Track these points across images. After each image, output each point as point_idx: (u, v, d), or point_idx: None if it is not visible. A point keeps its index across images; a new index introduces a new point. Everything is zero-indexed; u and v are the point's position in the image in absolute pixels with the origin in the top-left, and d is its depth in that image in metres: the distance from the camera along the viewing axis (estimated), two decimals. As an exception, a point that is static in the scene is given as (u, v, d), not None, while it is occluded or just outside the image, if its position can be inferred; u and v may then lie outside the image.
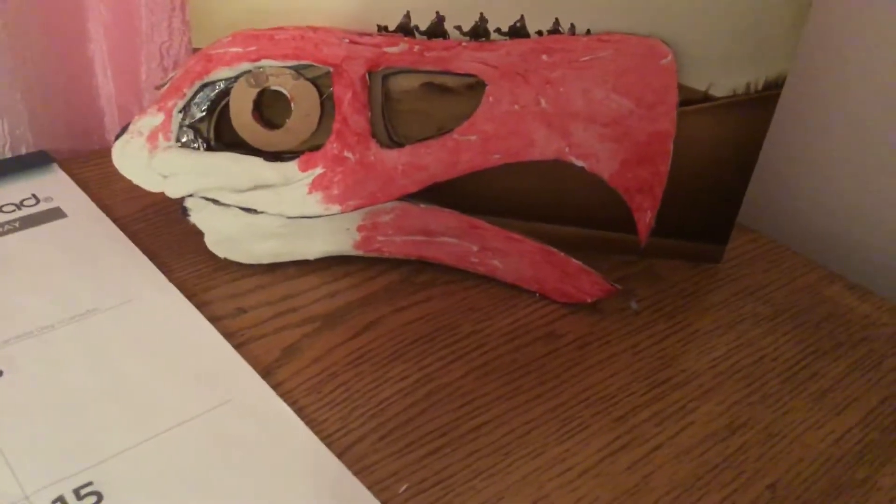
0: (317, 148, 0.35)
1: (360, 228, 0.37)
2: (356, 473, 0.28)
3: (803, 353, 0.36)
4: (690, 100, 0.36)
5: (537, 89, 0.34)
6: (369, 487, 0.28)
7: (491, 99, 0.34)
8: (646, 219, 0.35)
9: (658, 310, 0.38)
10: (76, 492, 0.26)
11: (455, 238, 0.38)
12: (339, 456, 0.29)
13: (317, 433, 0.29)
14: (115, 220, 0.39)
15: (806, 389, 0.34)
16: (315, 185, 0.35)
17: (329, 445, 0.29)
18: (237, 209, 0.35)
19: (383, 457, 0.29)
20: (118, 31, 0.43)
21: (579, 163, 0.35)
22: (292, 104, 0.35)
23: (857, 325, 0.38)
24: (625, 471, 0.30)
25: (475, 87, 0.35)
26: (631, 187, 0.35)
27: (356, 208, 0.36)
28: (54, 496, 0.26)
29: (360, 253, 0.38)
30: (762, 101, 0.36)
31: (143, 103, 0.45)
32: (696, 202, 0.39)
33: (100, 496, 0.26)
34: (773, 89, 0.36)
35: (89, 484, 0.27)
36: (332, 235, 0.37)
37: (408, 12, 0.34)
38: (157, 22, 0.42)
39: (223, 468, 0.27)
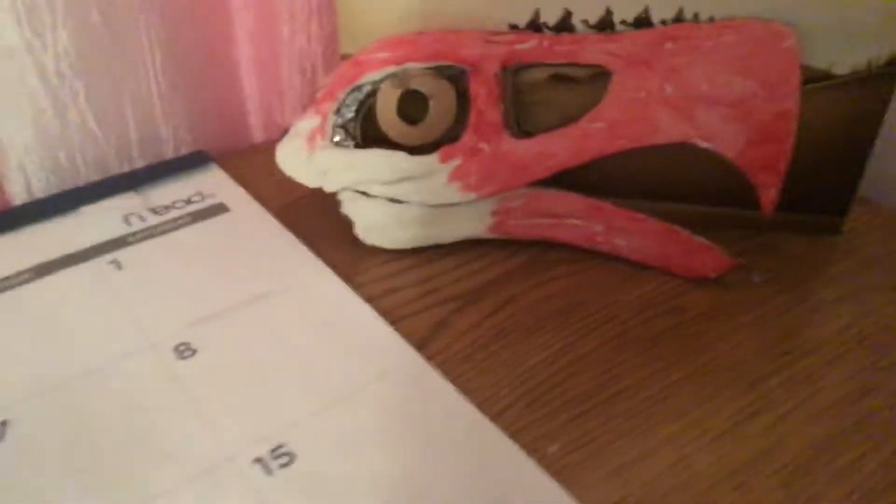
0: (454, 140, 0.38)
1: (493, 213, 0.40)
2: (509, 436, 0.31)
3: (929, 321, 0.37)
4: (812, 78, 0.37)
5: (662, 76, 0.36)
6: (522, 448, 0.31)
7: (617, 87, 0.37)
8: (770, 195, 0.37)
9: (779, 282, 0.40)
10: (272, 451, 0.30)
11: (581, 220, 0.40)
12: (492, 420, 0.32)
13: (470, 400, 0.33)
14: (272, 212, 0.43)
15: (933, 356, 0.35)
16: (454, 176, 0.38)
17: (482, 411, 0.32)
18: (384, 200, 0.39)
19: (532, 420, 0.32)
20: (261, 36, 0.47)
21: (704, 144, 0.37)
22: (431, 101, 0.38)
23: (983, 292, 0.39)
24: (760, 434, 0.32)
25: (601, 77, 0.37)
26: (755, 166, 0.37)
27: (491, 195, 0.39)
28: (255, 456, 0.30)
29: (493, 236, 0.41)
30: (884, 78, 0.37)
31: (285, 104, 0.49)
32: (816, 176, 0.40)
33: (292, 456, 0.30)
34: (895, 65, 0.37)
35: (282, 445, 0.31)
36: (468, 221, 0.40)
37: (537, 10, 0.37)
38: (298, 28, 0.46)
39: (390, 432, 0.31)
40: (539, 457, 0.31)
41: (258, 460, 0.30)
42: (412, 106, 0.39)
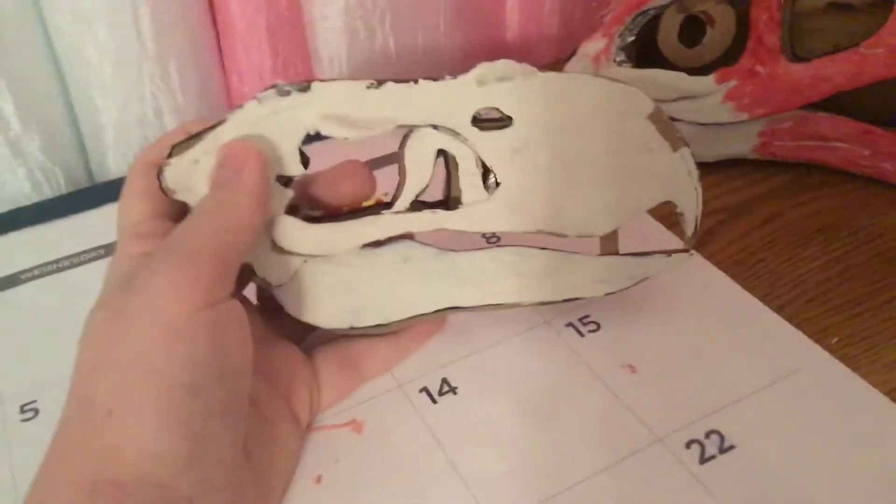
0: (731, 62, 0.41)
1: (759, 135, 0.42)
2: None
3: None
4: None
5: (952, 1, 0.37)
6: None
7: (902, 13, 0.38)
8: None
9: None
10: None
11: (848, 143, 0.42)
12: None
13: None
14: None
15: None
16: (728, 96, 0.41)
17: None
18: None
19: (811, 316, 0.35)
20: None
21: None
22: (711, 26, 0.41)
23: None
24: None
25: (880, 6, 0.39)
26: None
27: (762, 116, 0.41)
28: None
29: (756, 156, 0.43)
30: None
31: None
32: None
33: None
34: None
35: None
36: (735, 141, 0.43)
37: (825, -62, 0.39)
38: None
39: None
40: (823, 346, 0.33)
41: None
42: (691, 29, 0.42)
